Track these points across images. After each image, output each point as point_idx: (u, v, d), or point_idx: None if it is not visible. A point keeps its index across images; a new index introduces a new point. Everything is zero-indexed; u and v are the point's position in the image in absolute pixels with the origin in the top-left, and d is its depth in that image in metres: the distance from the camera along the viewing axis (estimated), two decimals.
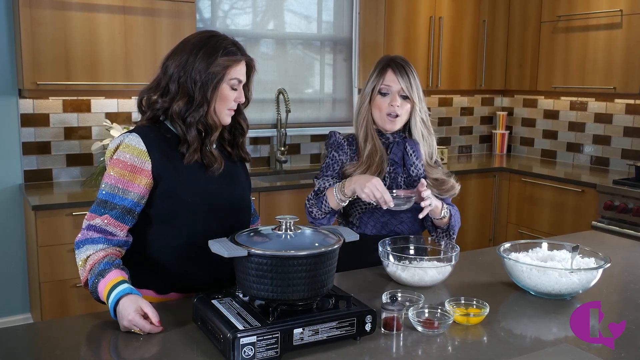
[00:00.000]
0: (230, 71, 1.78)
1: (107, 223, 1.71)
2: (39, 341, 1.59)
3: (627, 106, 4.55)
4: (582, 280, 1.82)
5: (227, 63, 1.77)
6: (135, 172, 1.72)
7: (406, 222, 2.22)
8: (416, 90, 2.18)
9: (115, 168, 1.74)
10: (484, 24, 4.86)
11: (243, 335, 1.38)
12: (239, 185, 1.93)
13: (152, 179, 1.75)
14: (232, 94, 1.80)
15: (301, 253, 1.48)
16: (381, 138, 2.24)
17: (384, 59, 2.24)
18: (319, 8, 4.59)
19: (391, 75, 2.17)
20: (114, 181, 1.73)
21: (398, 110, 2.16)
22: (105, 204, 1.72)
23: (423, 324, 1.59)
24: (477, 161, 5.12)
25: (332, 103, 4.76)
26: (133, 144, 1.74)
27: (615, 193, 3.91)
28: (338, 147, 2.24)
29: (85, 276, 1.69)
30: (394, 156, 2.22)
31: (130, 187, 1.72)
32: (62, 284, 3.26)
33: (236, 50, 1.80)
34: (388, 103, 2.17)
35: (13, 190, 3.67)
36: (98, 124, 3.81)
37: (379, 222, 2.21)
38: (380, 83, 2.19)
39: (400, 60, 2.21)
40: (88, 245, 1.70)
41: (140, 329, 1.55)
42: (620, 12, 4.15)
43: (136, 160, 1.73)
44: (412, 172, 2.21)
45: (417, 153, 2.22)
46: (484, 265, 2.19)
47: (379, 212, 2.19)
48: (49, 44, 3.30)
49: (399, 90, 2.17)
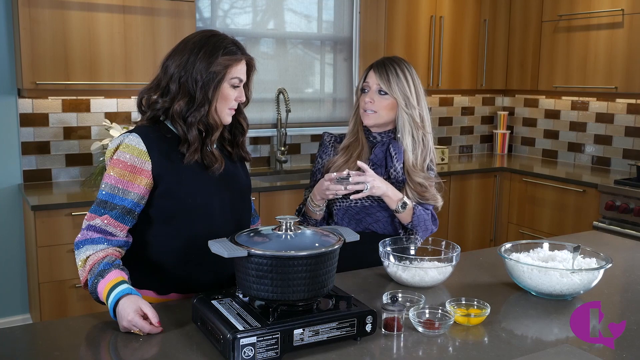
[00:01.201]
0: (231, 70, 1.77)
1: (107, 223, 1.71)
2: (37, 342, 1.58)
3: (629, 106, 4.54)
4: (584, 281, 1.81)
5: (227, 62, 1.76)
6: (136, 173, 1.72)
7: (381, 221, 2.21)
8: (397, 88, 2.16)
9: (115, 168, 1.73)
10: (485, 23, 4.85)
11: (243, 335, 1.37)
12: (239, 185, 1.92)
13: (152, 179, 1.74)
14: (233, 93, 1.80)
15: (301, 253, 1.48)
16: (369, 136, 2.25)
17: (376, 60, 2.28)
18: (319, 7, 4.58)
19: (372, 73, 2.22)
20: (114, 181, 1.72)
21: (370, 106, 2.18)
22: (105, 204, 1.72)
23: (424, 325, 1.59)
24: (478, 161, 5.12)
25: (333, 103, 4.75)
26: (133, 144, 1.73)
27: (616, 193, 3.90)
28: (323, 151, 2.31)
29: (85, 276, 1.68)
30: (375, 157, 2.21)
31: (131, 188, 1.72)
32: (61, 284, 3.25)
33: (236, 49, 1.79)
34: (365, 100, 2.20)
35: (12, 190, 3.67)
36: (97, 123, 3.80)
37: (354, 220, 2.22)
38: (362, 82, 2.24)
39: (387, 59, 2.23)
40: (88, 245, 1.70)
41: (139, 329, 1.54)
42: (622, 11, 4.14)
43: (136, 161, 1.72)
44: (392, 174, 2.20)
45: (399, 156, 2.20)
46: (485, 265, 2.18)
47: (353, 210, 2.21)
48: (48, 43, 3.29)
49: (376, 88, 2.19)
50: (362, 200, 2.19)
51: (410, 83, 2.19)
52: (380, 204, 2.18)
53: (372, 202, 2.19)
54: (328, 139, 2.32)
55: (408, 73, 2.20)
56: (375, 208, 2.20)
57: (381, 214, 2.21)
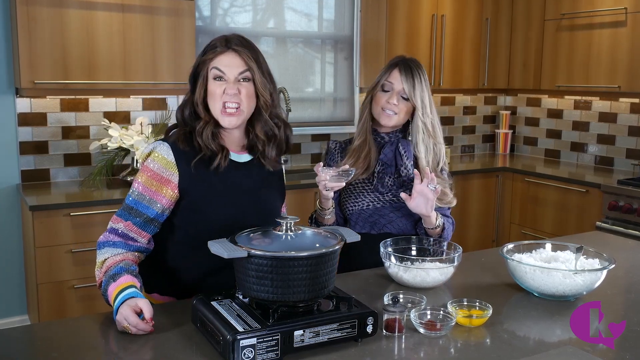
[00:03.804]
0: (212, 62, 1.75)
1: (129, 229, 1.74)
2: (36, 343, 1.58)
3: (632, 105, 4.52)
4: (586, 282, 1.80)
5: (210, 56, 1.75)
6: (162, 183, 1.74)
7: (395, 221, 2.20)
8: (419, 95, 2.16)
9: (144, 175, 1.76)
10: (487, 22, 4.83)
11: (243, 337, 1.37)
12: (269, 197, 1.91)
13: (178, 191, 1.76)
14: (217, 87, 1.73)
15: (302, 254, 1.47)
16: (377, 137, 2.24)
17: (396, 57, 2.25)
18: (319, 6, 4.56)
19: (396, 73, 2.18)
20: (142, 189, 1.75)
21: (394, 108, 2.16)
22: (130, 210, 1.75)
23: (425, 326, 1.58)
24: (480, 161, 5.10)
25: (333, 102, 4.74)
26: (163, 154, 1.75)
27: (619, 193, 3.88)
28: (330, 158, 2.31)
29: (101, 277, 1.70)
30: (384, 157, 2.20)
31: (156, 197, 1.74)
32: (59, 285, 3.24)
33: (219, 43, 1.76)
34: (386, 99, 2.17)
35: (10, 190, 3.65)
36: (96, 123, 3.78)
37: (368, 222, 2.20)
38: (384, 79, 2.20)
39: (412, 62, 2.21)
40: (107, 247, 1.73)
41: (129, 324, 1.52)
42: (625, 9, 4.12)
43: (164, 171, 1.74)
44: (402, 172, 2.19)
45: (408, 153, 2.20)
46: (487, 266, 2.17)
47: (366, 213, 2.20)
48: (46, 42, 3.28)
49: (400, 90, 2.17)
50: (374, 203, 2.18)
51: (427, 90, 2.21)
52: (393, 205, 2.18)
53: (384, 204, 2.18)
54: (334, 146, 2.32)
55: (426, 79, 2.21)
56: (387, 209, 2.19)
57: (394, 215, 2.20)
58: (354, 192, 2.21)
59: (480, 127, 5.46)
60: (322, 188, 2.03)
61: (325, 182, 1.99)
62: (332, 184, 2.00)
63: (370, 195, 2.19)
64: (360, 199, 2.19)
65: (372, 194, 2.19)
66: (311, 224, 2.23)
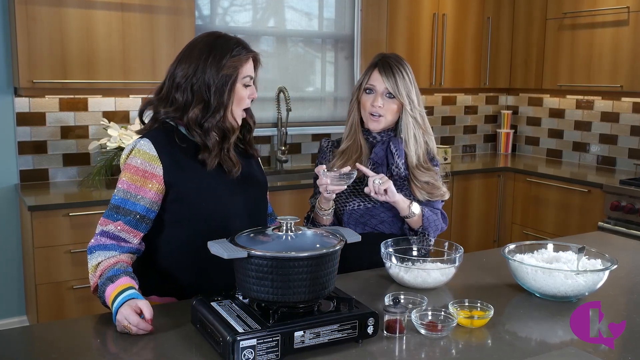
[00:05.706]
0: (241, 70, 1.80)
1: (120, 229, 1.73)
2: (35, 344, 1.58)
3: (634, 105, 4.50)
4: (588, 282, 1.79)
5: (237, 63, 1.79)
6: (147, 177, 1.74)
7: (386, 221, 2.18)
8: (404, 90, 2.13)
9: (127, 173, 1.76)
10: (489, 21, 4.82)
11: (243, 338, 1.36)
12: (255, 187, 1.93)
13: (164, 184, 1.76)
14: (246, 92, 1.83)
15: (302, 254, 1.47)
16: (368, 137, 2.22)
17: (376, 56, 2.22)
18: (320, 5, 4.55)
19: (376, 74, 2.15)
20: (126, 186, 1.75)
21: (380, 110, 2.14)
22: (118, 210, 1.74)
23: (426, 327, 1.57)
24: (481, 161, 5.09)
25: (334, 101, 4.72)
26: (145, 149, 1.75)
27: (621, 193, 3.87)
28: (322, 157, 2.29)
29: (95, 282, 1.69)
30: (375, 156, 2.18)
31: (142, 192, 1.74)
32: (58, 285, 3.22)
33: (242, 48, 1.82)
34: (371, 102, 2.15)
35: (8, 190, 3.64)
36: (95, 122, 3.77)
37: (359, 222, 2.19)
38: (366, 81, 2.18)
39: (391, 58, 2.17)
40: (100, 251, 1.72)
41: (130, 323, 1.52)
42: (627, 8, 4.11)
43: (147, 166, 1.74)
44: (394, 171, 2.17)
45: (399, 152, 2.17)
46: (488, 266, 2.16)
47: (357, 213, 2.18)
48: (45, 41, 3.27)
49: (383, 90, 2.14)
50: (365, 202, 2.16)
51: (413, 84, 2.17)
52: (384, 205, 2.16)
53: (375, 204, 2.16)
54: (325, 145, 2.30)
55: (410, 73, 2.18)
56: (378, 209, 2.17)
57: (385, 215, 2.18)
58: (345, 192, 2.18)
59: (481, 126, 5.45)
60: (323, 191, 2.02)
61: (327, 185, 1.98)
62: (333, 187, 1.99)
63: (362, 195, 2.17)
64: (351, 199, 2.17)
65: (363, 194, 2.17)
66: (307, 224, 2.21)
